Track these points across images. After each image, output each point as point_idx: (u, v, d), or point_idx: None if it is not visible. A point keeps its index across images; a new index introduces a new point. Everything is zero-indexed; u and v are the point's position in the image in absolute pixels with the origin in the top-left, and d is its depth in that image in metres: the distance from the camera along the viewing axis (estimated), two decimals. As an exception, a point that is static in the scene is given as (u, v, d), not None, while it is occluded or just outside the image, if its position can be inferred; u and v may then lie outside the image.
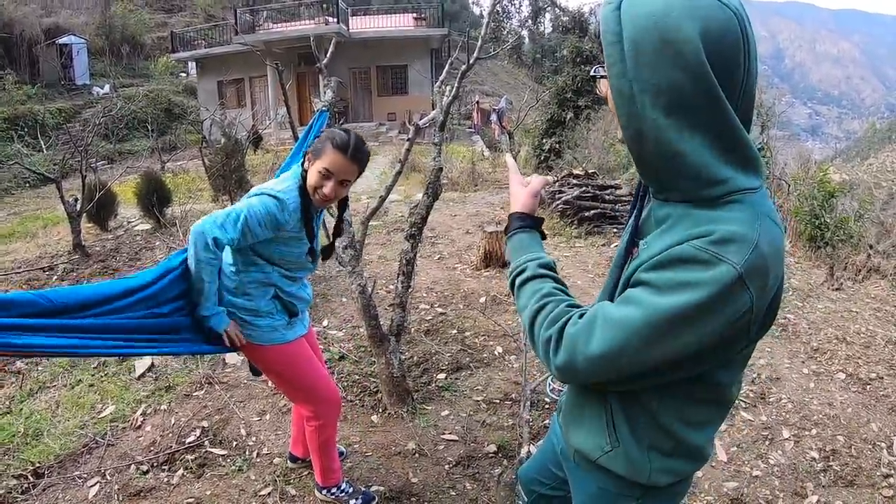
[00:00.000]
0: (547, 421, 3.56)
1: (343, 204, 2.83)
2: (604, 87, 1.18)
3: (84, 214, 8.72)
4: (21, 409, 4.23)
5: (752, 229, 1.06)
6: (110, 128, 18.95)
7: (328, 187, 2.35)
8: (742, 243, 1.05)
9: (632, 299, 1.13)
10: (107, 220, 9.56)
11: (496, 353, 4.42)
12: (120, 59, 30.46)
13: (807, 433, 3.64)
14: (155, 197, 9.19)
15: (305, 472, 3.29)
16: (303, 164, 2.43)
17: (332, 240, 2.86)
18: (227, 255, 2.50)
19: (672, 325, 1.08)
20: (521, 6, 34.33)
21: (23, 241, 9.78)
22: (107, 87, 26.26)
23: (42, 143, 12.45)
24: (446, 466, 3.27)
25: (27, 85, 23.19)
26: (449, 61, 5.08)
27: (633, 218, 1.30)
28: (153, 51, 32.85)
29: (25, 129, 19.28)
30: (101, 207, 9.27)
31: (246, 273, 2.47)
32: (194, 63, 28.67)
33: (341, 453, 3.33)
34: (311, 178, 2.37)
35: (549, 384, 3.96)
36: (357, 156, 2.36)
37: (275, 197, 2.33)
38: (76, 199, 8.71)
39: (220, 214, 2.31)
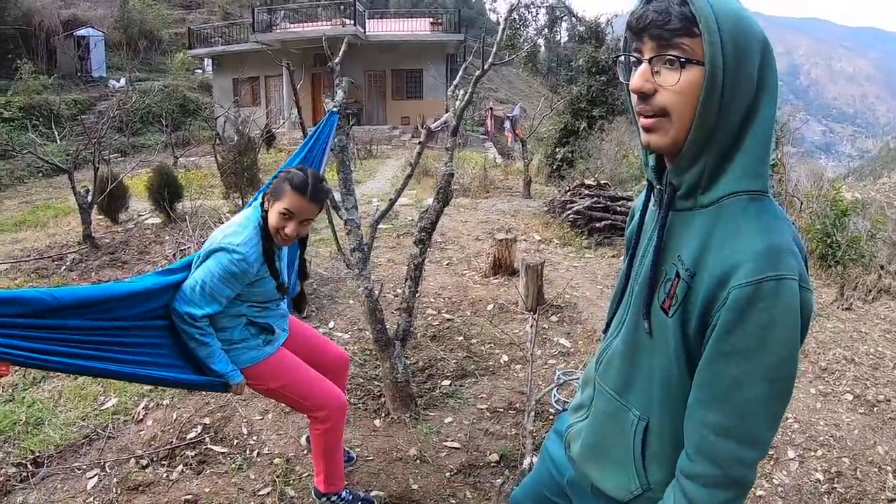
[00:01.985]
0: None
1: (303, 244, 2.86)
2: (671, 78, 1.12)
3: (95, 206, 8.75)
4: (23, 398, 4.23)
5: (784, 234, 1.10)
6: (124, 121, 18.98)
7: (290, 228, 2.39)
8: (785, 251, 1.08)
9: (744, 377, 1.09)
10: (117, 213, 9.58)
11: (502, 361, 4.40)
12: (137, 53, 30.59)
13: (812, 454, 3.60)
14: (166, 191, 9.21)
15: (305, 475, 3.27)
16: (262, 205, 2.46)
17: (300, 285, 2.91)
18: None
19: (792, 362, 1.09)
20: (537, 14, 34.27)
21: (33, 230, 9.82)
22: (122, 81, 26.34)
23: (56, 133, 12.49)
24: (447, 474, 3.24)
25: (43, 75, 23.21)
26: (463, 66, 5.08)
27: (657, 237, 1.23)
28: (170, 46, 32.99)
29: (40, 119, 19.30)
30: (113, 200, 9.30)
31: None
32: (210, 60, 28.80)
33: (351, 458, 3.32)
34: (273, 220, 2.40)
35: (555, 395, 3.94)
36: (316, 195, 2.40)
37: (233, 251, 2.34)
38: (88, 191, 8.74)
39: (187, 290, 2.36)
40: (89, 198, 8.61)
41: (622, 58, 1.25)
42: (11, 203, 13.76)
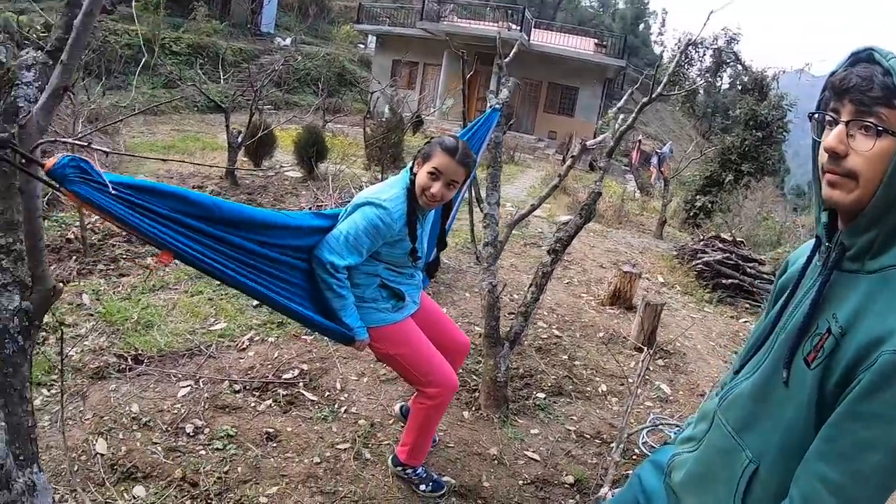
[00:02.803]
0: (629, 471, 3.42)
1: (447, 215, 2.92)
2: (865, 144, 1.13)
3: (243, 147, 9.21)
4: (139, 300, 4.51)
5: None
6: (283, 77, 19.85)
7: (436, 187, 2.46)
8: None
9: (872, 442, 1.07)
10: (262, 159, 10.03)
11: (600, 389, 4.30)
12: (306, 17, 31.77)
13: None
14: (313, 150, 9.56)
15: (385, 442, 3.33)
16: (412, 169, 2.55)
17: (437, 252, 2.96)
18: None
19: None
20: (704, 55, 33.23)
21: (180, 156, 10.37)
22: (288, 40, 27.55)
23: (221, 74, 13.24)
24: (520, 482, 3.21)
25: (216, 20, 24.56)
26: (630, 91, 5.01)
27: (817, 291, 1.23)
28: (338, 17, 34.26)
29: (206, 60, 20.47)
30: (261, 146, 9.74)
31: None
32: (374, 38, 29.67)
33: (434, 441, 3.34)
34: (420, 180, 2.49)
35: (643, 437, 3.82)
36: (464, 160, 2.48)
37: (379, 206, 2.45)
38: (240, 132, 9.20)
39: (332, 239, 2.46)
40: (240, 139, 9.07)
41: (817, 115, 1.25)
42: (164, 128, 14.68)
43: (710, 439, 1.42)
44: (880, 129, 1.10)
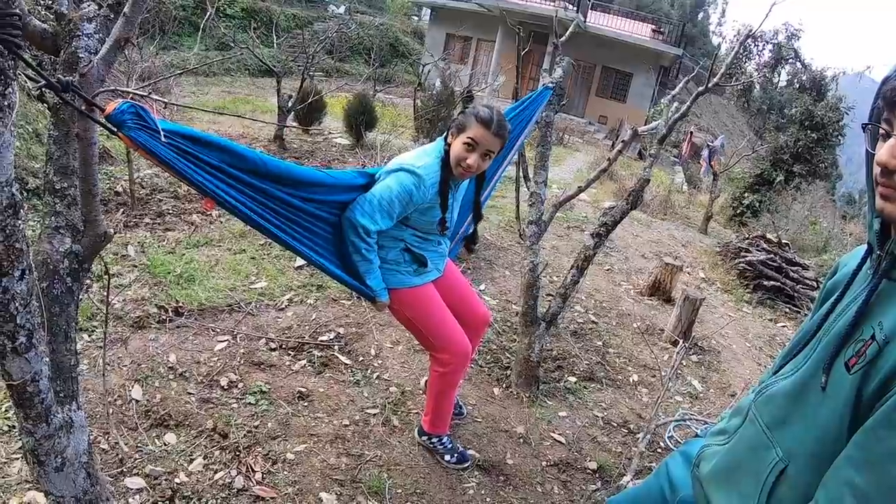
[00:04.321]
0: (652, 463, 3.41)
1: (480, 186, 2.89)
2: None
3: (293, 112, 9.26)
4: (183, 255, 4.59)
5: None
6: (335, 45, 19.82)
7: (472, 158, 2.47)
8: None
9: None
10: (311, 124, 10.09)
11: (631, 379, 4.27)
12: (361, -15, 31.67)
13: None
14: (363, 118, 9.58)
15: (414, 411, 3.36)
16: (446, 139, 2.56)
17: (474, 226, 2.95)
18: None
19: None
20: (763, 49, 32.22)
21: (229, 118, 10.49)
22: (342, 8, 27.47)
23: (275, 38, 13.30)
24: (543, 462, 3.22)
25: (271, -15, 24.57)
26: (686, 79, 4.91)
27: (864, 299, 1.19)
28: (393, -13, 33.99)
29: (259, 24, 20.52)
30: (310, 111, 9.79)
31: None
32: (429, 10, 29.48)
33: (461, 413, 3.38)
34: (456, 150, 2.50)
35: (670, 431, 3.79)
36: (500, 131, 2.48)
37: (412, 173, 2.46)
38: (290, 97, 9.26)
39: (365, 202, 2.46)
40: (290, 103, 9.13)
41: (870, 126, 1.20)
42: (215, 90, 14.85)
43: (742, 434, 1.41)
44: None
